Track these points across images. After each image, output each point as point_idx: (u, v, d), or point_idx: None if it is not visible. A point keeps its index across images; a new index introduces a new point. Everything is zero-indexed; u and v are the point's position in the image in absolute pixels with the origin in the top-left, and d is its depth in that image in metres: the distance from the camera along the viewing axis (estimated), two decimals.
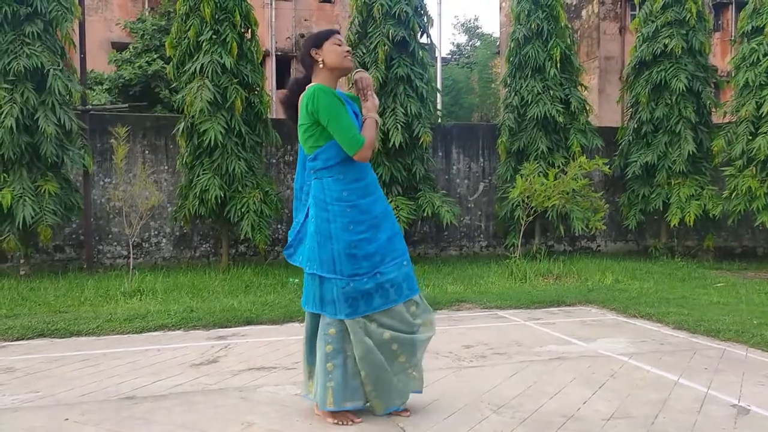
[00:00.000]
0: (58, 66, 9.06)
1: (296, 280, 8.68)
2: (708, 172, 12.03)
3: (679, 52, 11.74)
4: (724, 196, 11.21)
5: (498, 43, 29.44)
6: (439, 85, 18.99)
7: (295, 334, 5.55)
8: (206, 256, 11.56)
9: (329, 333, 3.18)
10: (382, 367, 3.17)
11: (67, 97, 9.20)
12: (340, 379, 3.15)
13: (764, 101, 10.44)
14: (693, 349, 4.87)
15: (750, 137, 10.73)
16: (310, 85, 3.24)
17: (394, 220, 3.38)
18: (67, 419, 3.36)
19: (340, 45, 3.27)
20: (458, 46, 38.71)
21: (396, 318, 3.21)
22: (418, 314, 3.30)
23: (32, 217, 8.59)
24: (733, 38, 12.68)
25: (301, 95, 3.22)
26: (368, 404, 3.25)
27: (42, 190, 8.81)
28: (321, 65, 3.25)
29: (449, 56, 35.42)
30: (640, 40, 12.44)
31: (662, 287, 8.22)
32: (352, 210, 3.17)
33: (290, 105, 3.37)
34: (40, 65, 8.75)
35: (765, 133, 10.33)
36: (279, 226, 11.87)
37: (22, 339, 5.40)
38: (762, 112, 10.44)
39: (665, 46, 11.83)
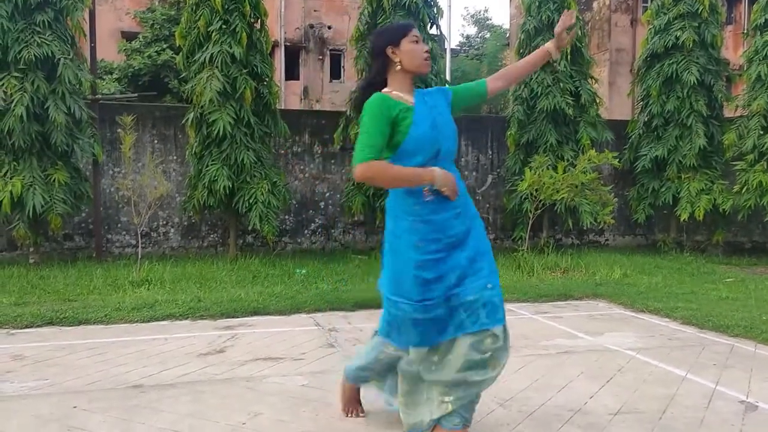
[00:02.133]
0: (69, 55, 9.07)
1: (303, 271, 8.70)
2: (719, 167, 11.94)
3: (691, 44, 11.63)
4: (734, 190, 11.12)
5: (508, 35, 29.27)
6: (448, 77, 18.90)
7: (302, 325, 5.57)
8: (214, 246, 11.59)
9: None
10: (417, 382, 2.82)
11: (77, 86, 9.22)
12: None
13: None
14: (701, 345, 4.85)
15: (762, 131, 10.64)
16: (383, 90, 2.84)
17: (481, 238, 2.87)
18: (75, 407, 3.39)
19: (417, 43, 2.83)
20: (468, 37, 38.53)
21: (459, 350, 2.69)
22: (491, 350, 2.70)
23: (42, 206, 8.63)
24: (745, 31, 12.54)
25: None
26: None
27: (52, 179, 8.84)
28: (398, 67, 2.82)
29: (459, 48, 35.26)
30: (652, 32, 12.33)
31: (671, 282, 8.18)
32: (425, 226, 2.74)
33: (360, 108, 2.87)
34: (50, 54, 8.76)
35: None
36: (287, 216, 11.89)
37: (31, 327, 5.44)
38: None
39: (677, 38, 11.72)
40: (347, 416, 3.21)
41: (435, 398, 2.76)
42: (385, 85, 2.87)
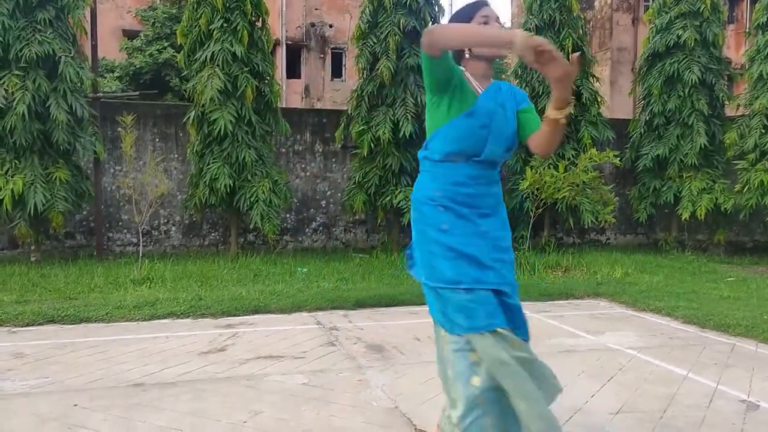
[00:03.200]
0: (70, 53, 9.06)
1: (305, 270, 8.70)
2: (720, 166, 11.93)
3: (693, 43, 11.61)
4: (736, 189, 11.11)
5: None
6: None
7: (303, 323, 5.57)
8: (215, 245, 11.59)
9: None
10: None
11: (79, 85, 9.22)
12: None
13: None
14: (702, 344, 4.84)
15: (763, 130, 10.63)
16: None
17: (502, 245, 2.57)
18: (76, 405, 3.39)
19: (487, 23, 2.44)
20: None
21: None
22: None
23: (43, 204, 8.64)
24: (747, 30, 12.52)
25: None
26: None
27: (53, 177, 8.84)
28: (467, 55, 2.47)
29: None
30: (654, 31, 12.32)
31: (672, 281, 8.17)
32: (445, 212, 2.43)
33: None
34: (51, 52, 8.76)
35: None
36: (288, 215, 11.89)
37: (33, 325, 5.44)
38: None
39: (679, 37, 11.70)
40: None
41: None
42: None
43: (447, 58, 2.31)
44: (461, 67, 2.46)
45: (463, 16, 2.50)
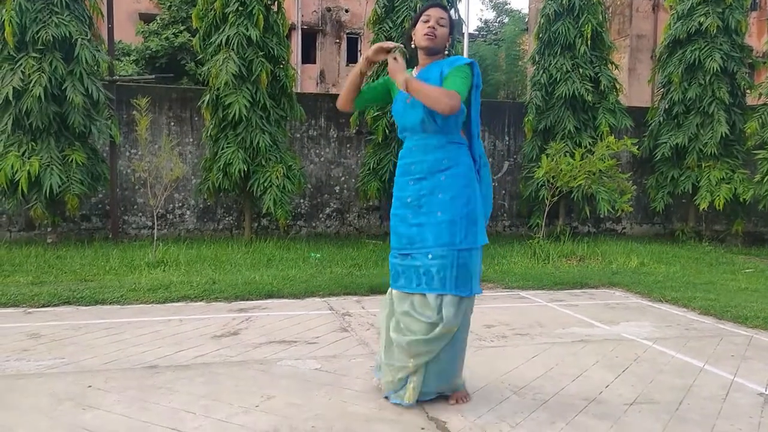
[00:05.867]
0: (86, 36, 9.08)
1: (318, 255, 8.71)
2: (740, 155, 11.76)
3: (714, 30, 11.42)
4: (755, 179, 10.95)
5: (526, 20, 28.92)
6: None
7: (316, 308, 5.57)
8: (229, 229, 11.63)
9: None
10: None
11: (95, 68, 9.25)
12: None
13: None
14: (719, 336, 4.78)
15: None
16: None
17: (445, 210, 2.99)
18: (90, 386, 3.41)
19: (427, 21, 3.07)
20: (486, 22, 38.13)
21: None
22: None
23: (59, 186, 8.70)
24: None
25: None
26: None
27: (69, 160, 8.89)
28: (413, 46, 3.15)
29: (476, 33, 34.92)
30: (675, 17, 12.12)
31: (689, 272, 8.08)
32: (395, 182, 3.23)
33: None
34: (68, 35, 8.78)
35: None
36: (302, 200, 11.90)
37: (48, 306, 5.49)
38: None
39: (700, 24, 11.51)
40: None
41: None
42: None
43: (363, 98, 3.29)
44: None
45: (415, 19, 3.15)
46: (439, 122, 3.00)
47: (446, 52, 3.14)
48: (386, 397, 3.20)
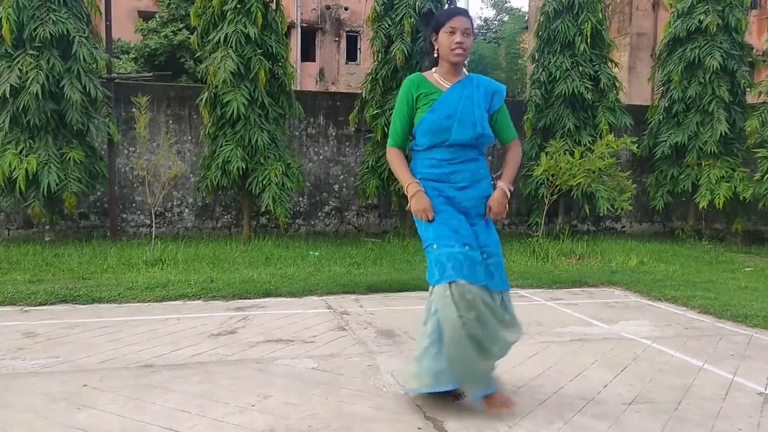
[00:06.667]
0: (84, 33, 9.04)
1: (316, 254, 8.68)
2: (740, 154, 11.73)
3: (714, 29, 11.39)
4: (755, 178, 10.93)
5: (526, 18, 28.89)
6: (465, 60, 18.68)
7: (313, 307, 5.54)
8: (228, 227, 11.60)
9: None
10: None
11: (93, 65, 9.20)
12: None
13: None
14: (719, 335, 4.76)
15: None
16: (429, 70, 3.21)
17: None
18: (85, 385, 3.38)
19: (453, 33, 3.02)
20: (486, 20, 38.15)
21: None
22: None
23: (57, 184, 8.66)
24: None
25: None
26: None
27: (67, 158, 8.86)
28: (435, 54, 3.14)
29: (476, 31, 34.87)
30: (675, 15, 12.09)
31: (688, 270, 8.06)
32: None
33: None
34: (65, 32, 8.74)
35: None
36: (300, 199, 11.87)
37: (45, 304, 5.46)
38: None
39: (700, 22, 11.48)
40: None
41: None
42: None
43: (404, 134, 3.19)
44: (432, 70, 3.18)
45: (436, 25, 3.10)
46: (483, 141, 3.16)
47: None
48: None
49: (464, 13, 3.10)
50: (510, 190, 3.15)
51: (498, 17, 37.07)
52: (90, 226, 10.91)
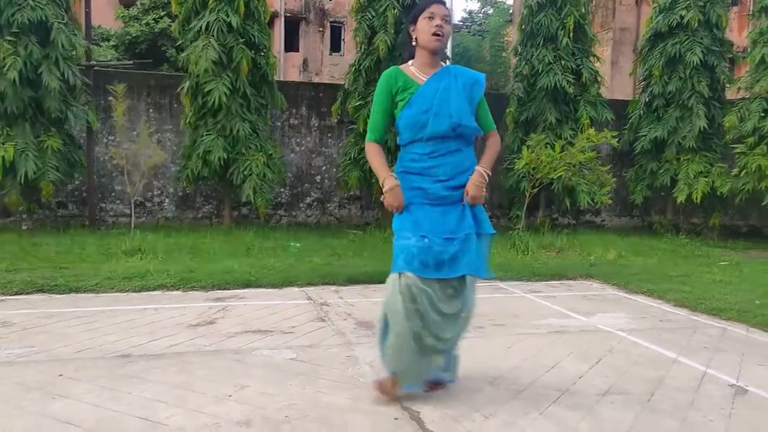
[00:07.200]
0: (63, 20, 8.92)
1: (297, 245, 8.66)
2: (718, 149, 11.88)
3: (696, 24, 11.49)
4: (733, 173, 11.07)
5: (511, 11, 28.91)
6: (449, 53, 18.68)
7: (293, 298, 5.54)
8: (209, 218, 11.54)
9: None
10: None
11: (72, 52, 9.09)
12: None
13: None
14: (693, 327, 4.83)
15: (763, 114, 10.55)
16: (405, 64, 3.17)
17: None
18: (61, 375, 3.35)
19: (432, 18, 3.00)
20: (470, 13, 38.10)
21: None
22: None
23: (34, 173, 8.55)
24: (751, 12, 12.39)
25: None
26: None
27: (45, 146, 8.75)
28: (414, 43, 3.10)
29: (461, 24, 34.86)
30: (656, 11, 12.19)
31: (665, 264, 8.16)
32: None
33: None
34: (44, 18, 8.62)
35: None
36: (282, 189, 11.83)
37: (22, 294, 5.40)
38: None
39: (682, 18, 11.58)
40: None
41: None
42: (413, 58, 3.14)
43: (383, 129, 3.20)
44: (408, 63, 3.15)
45: (415, 13, 3.08)
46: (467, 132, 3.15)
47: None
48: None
49: (442, 1, 3.10)
50: (488, 174, 3.12)
51: (483, 10, 37.05)
52: (68, 215, 10.79)
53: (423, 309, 2.90)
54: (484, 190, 3.10)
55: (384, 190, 3.07)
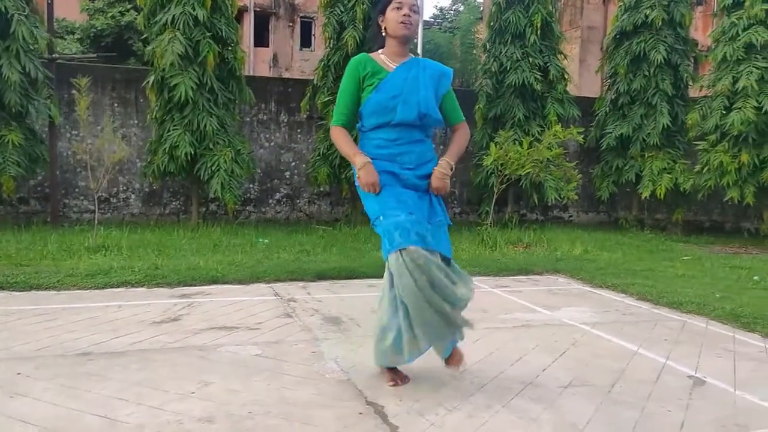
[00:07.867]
0: (24, 11, 8.71)
1: (266, 241, 8.61)
2: (681, 146, 12.12)
3: (660, 23, 11.69)
4: (695, 170, 11.30)
5: (481, 9, 29.07)
6: (420, 49, 18.70)
7: (260, 294, 5.50)
8: (176, 214, 11.39)
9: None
10: None
11: (33, 45, 8.89)
12: None
13: (741, 76, 10.45)
14: (654, 320, 4.93)
15: (724, 112, 10.78)
16: (375, 52, 3.22)
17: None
18: (19, 373, 3.28)
19: (399, 8, 3.06)
20: (441, 9, 38.28)
21: None
22: None
23: None
24: (714, 12, 12.66)
25: None
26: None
27: (5, 140, 8.55)
28: (384, 33, 3.16)
29: (432, 20, 34.95)
30: (622, 9, 12.38)
31: (630, 259, 8.30)
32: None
33: None
34: (3, 9, 8.41)
35: (739, 108, 10.36)
36: (251, 185, 11.73)
37: None
38: (738, 87, 10.46)
39: (646, 16, 11.77)
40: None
41: None
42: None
43: (350, 113, 3.19)
44: (378, 52, 3.19)
45: (384, 3, 3.12)
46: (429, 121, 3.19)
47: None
48: None
49: None
50: (452, 166, 3.16)
51: (454, 7, 37.19)
52: (30, 211, 10.56)
53: (434, 276, 2.92)
54: (448, 183, 3.14)
55: (357, 168, 3.05)
